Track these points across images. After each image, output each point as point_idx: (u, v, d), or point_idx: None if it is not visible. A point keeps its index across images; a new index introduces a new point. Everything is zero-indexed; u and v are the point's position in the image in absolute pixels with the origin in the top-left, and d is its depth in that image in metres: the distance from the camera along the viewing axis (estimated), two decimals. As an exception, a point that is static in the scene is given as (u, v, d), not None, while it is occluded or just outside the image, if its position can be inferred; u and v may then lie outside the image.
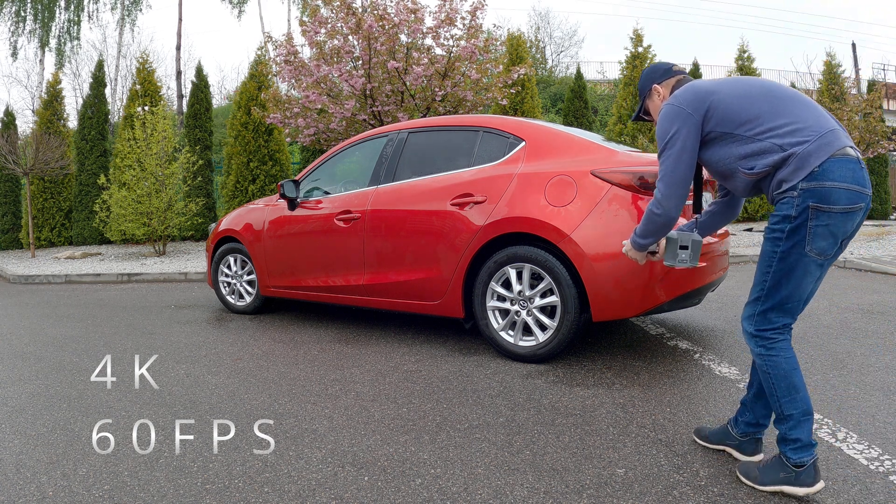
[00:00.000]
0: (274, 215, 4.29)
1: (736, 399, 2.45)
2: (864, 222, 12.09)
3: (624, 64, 12.57)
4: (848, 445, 1.98)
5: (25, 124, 20.65)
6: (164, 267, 8.19)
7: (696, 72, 13.14)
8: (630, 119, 2.05)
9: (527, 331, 3.09)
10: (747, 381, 1.84)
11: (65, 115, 12.44)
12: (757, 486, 1.72)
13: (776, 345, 1.71)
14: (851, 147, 1.63)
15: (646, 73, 2.09)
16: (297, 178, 4.18)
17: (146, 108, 10.46)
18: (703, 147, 1.83)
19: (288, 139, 9.39)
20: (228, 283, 4.76)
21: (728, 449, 1.96)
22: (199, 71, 12.36)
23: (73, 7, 23.60)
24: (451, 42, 7.72)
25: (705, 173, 3.36)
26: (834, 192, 1.59)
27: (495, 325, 3.15)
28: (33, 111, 22.27)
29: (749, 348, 1.80)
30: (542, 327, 3.03)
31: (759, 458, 1.87)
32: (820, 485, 1.65)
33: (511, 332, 3.12)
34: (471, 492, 1.77)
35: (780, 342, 1.71)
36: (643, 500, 1.69)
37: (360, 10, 7.47)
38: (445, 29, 7.70)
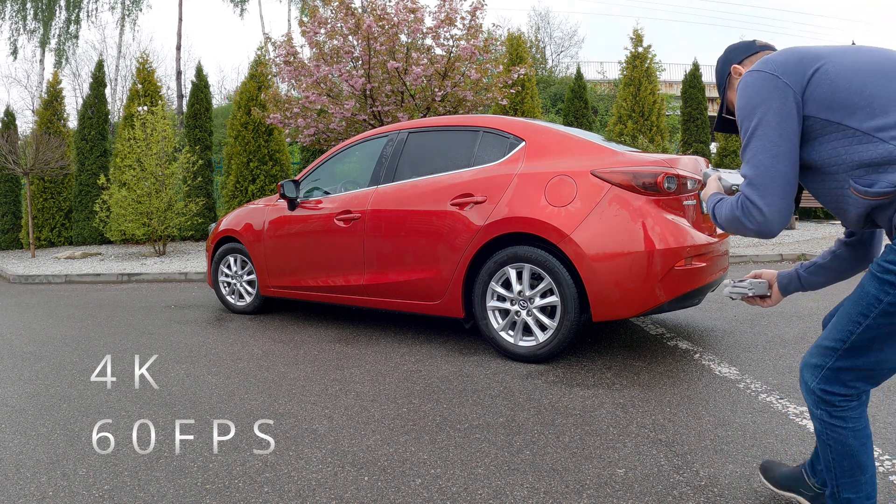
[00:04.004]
0: (274, 215, 4.29)
1: (735, 399, 2.45)
2: (864, 222, 12.07)
3: (624, 64, 12.56)
4: (848, 445, 1.98)
5: (25, 124, 20.68)
6: (164, 267, 8.19)
7: (696, 72, 13.12)
8: (713, 129, 1.68)
9: (527, 331, 3.09)
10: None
11: (65, 115, 12.43)
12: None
13: (845, 413, 1.28)
14: None
15: (721, 59, 1.53)
16: (297, 178, 4.18)
17: (146, 108, 10.45)
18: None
19: (288, 139, 9.39)
20: (228, 283, 4.76)
21: (800, 498, 1.56)
22: (199, 71, 12.36)
23: (72, 6, 23.60)
24: (450, 42, 7.72)
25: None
26: None
27: (495, 325, 3.15)
28: (33, 111, 22.28)
29: (808, 406, 1.35)
30: (542, 327, 3.04)
31: None
32: None
33: (511, 332, 3.12)
34: (471, 492, 1.77)
35: (851, 409, 1.28)
36: (643, 500, 1.69)
37: (359, 10, 7.47)
38: (445, 29, 7.70)
